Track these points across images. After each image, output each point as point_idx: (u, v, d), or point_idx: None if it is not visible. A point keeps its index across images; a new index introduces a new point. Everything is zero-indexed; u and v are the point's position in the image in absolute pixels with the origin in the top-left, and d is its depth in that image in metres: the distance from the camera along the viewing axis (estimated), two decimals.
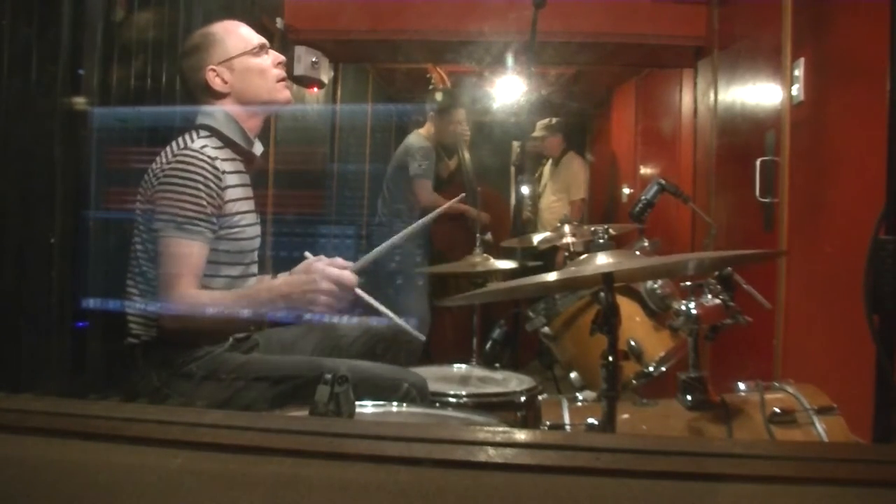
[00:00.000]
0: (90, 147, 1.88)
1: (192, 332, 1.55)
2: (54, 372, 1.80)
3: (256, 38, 1.68)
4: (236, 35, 1.67)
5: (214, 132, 1.63)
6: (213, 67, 1.64)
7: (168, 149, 1.59)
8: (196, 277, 1.51)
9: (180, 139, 1.60)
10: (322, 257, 1.60)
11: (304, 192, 1.78)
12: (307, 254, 1.72)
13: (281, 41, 3.16)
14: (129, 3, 2.10)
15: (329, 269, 1.47)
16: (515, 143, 5.38)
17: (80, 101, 1.89)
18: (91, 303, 1.80)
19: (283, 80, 1.69)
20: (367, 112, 4.82)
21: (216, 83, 1.64)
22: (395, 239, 1.59)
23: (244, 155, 1.68)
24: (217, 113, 1.65)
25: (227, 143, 1.64)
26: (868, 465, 0.79)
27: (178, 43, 2.32)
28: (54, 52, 1.78)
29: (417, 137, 3.69)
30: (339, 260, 1.53)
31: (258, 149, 1.72)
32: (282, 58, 1.70)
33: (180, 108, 2.29)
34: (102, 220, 1.89)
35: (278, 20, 3.19)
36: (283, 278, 1.55)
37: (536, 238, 2.71)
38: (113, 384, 2.01)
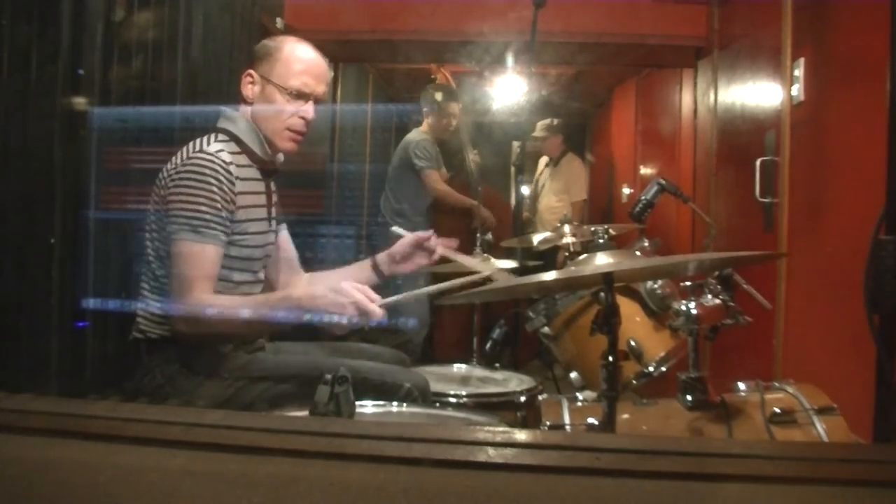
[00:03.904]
0: (90, 147, 1.88)
1: (205, 336, 1.55)
2: (54, 372, 1.80)
3: (304, 84, 1.63)
4: (293, 66, 1.63)
5: (233, 138, 1.63)
6: (252, 74, 1.64)
7: (184, 150, 1.58)
8: (211, 281, 1.51)
9: (197, 141, 1.60)
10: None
11: (304, 192, 1.78)
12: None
13: None
14: (129, 3, 2.10)
15: (359, 298, 1.43)
16: (515, 143, 5.39)
17: (80, 101, 1.89)
18: (91, 303, 1.80)
19: (296, 132, 1.65)
20: (367, 112, 4.82)
21: (246, 88, 1.65)
22: (431, 289, 1.61)
23: (261, 163, 1.67)
24: (239, 119, 1.65)
25: (244, 149, 1.64)
26: (868, 465, 0.79)
27: (179, 43, 2.32)
28: (54, 52, 1.78)
29: (416, 133, 3.69)
30: (369, 290, 1.48)
31: (279, 158, 1.72)
32: (310, 115, 1.65)
33: (180, 108, 2.29)
34: (102, 220, 1.89)
35: (278, 20, 3.19)
36: (307, 292, 1.51)
37: (536, 238, 2.72)
38: (114, 383, 2.01)
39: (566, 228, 2.41)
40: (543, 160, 4.96)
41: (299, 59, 1.65)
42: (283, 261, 1.83)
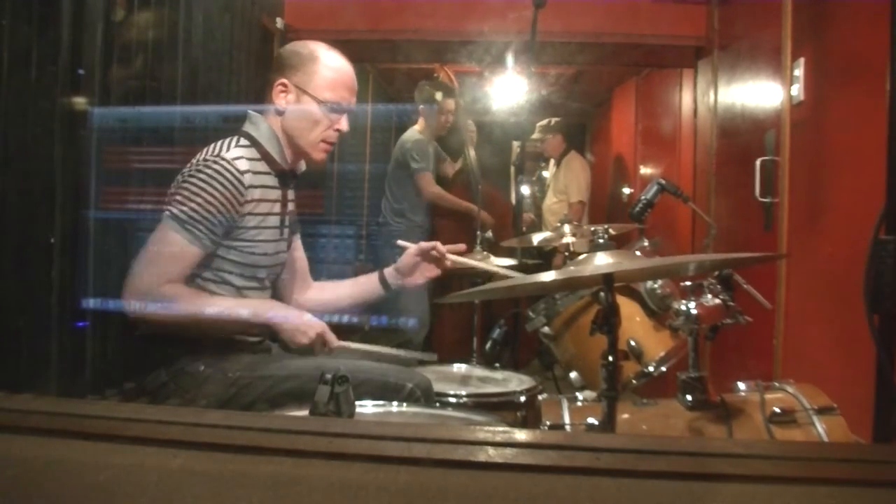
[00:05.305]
0: (90, 147, 1.88)
1: (173, 325, 1.55)
2: (54, 372, 1.80)
3: (340, 97, 1.63)
4: (329, 77, 1.62)
5: (255, 143, 1.62)
6: (286, 83, 1.62)
7: (204, 150, 1.58)
8: (178, 273, 1.51)
9: (218, 144, 1.60)
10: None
11: (304, 192, 1.78)
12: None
13: (281, 41, 3.17)
14: (129, 3, 2.10)
15: (327, 335, 1.58)
16: (515, 143, 5.39)
17: (80, 101, 1.89)
18: (91, 303, 1.80)
19: (329, 144, 1.66)
20: (367, 112, 4.82)
21: (278, 97, 1.63)
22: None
23: (279, 170, 1.66)
24: (262, 126, 1.64)
25: (264, 156, 1.63)
26: (868, 465, 0.79)
27: (179, 43, 2.32)
28: (54, 52, 1.78)
29: (411, 133, 3.68)
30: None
31: (301, 167, 1.71)
32: (345, 129, 1.65)
33: (180, 108, 2.29)
34: (102, 220, 1.89)
35: (278, 20, 3.19)
36: (278, 315, 1.58)
37: (536, 238, 2.72)
38: (114, 383, 2.01)
39: (566, 228, 2.41)
40: (552, 160, 4.95)
41: (336, 70, 1.64)
42: (293, 269, 1.83)
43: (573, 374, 1.93)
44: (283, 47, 1.72)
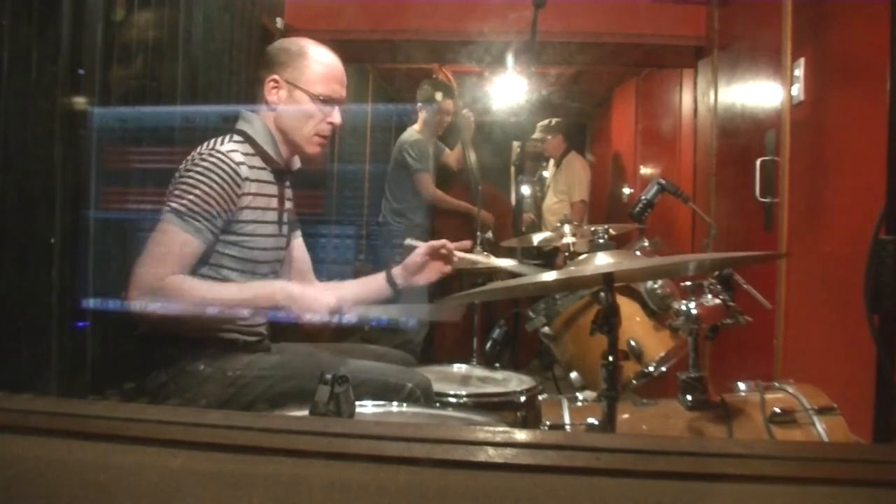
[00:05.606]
0: (90, 147, 1.88)
1: (175, 321, 1.53)
2: (54, 372, 1.80)
3: (332, 90, 1.65)
4: (320, 71, 1.64)
5: (249, 140, 1.64)
6: (277, 79, 1.64)
7: (199, 147, 1.60)
8: (182, 267, 1.50)
9: (212, 140, 1.61)
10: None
11: (303, 192, 1.79)
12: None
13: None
14: (129, 3, 2.10)
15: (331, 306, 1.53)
16: (515, 143, 5.39)
17: (80, 101, 1.89)
18: (91, 303, 1.80)
19: (323, 137, 1.67)
20: (367, 112, 4.82)
21: (270, 94, 1.64)
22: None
23: (275, 166, 1.67)
24: (256, 123, 1.65)
25: (258, 151, 1.64)
26: (868, 465, 0.79)
27: (179, 43, 2.32)
28: (54, 52, 1.78)
29: (410, 133, 3.68)
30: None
31: (296, 163, 1.73)
32: (337, 121, 1.67)
33: (180, 108, 2.29)
34: (102, 220, 1.89)
35: (278, 20, 3.19)
36: (297, 287, 1.57)
37: (537, 238, 2.72)
38: (114, 383, 2.01)
39: (566, 228, 2.41)
40: (552, 160, 4.96)
41: (325, 64, 1.66)
42: (296, 268, 1.83)
43: (573, 374, 1.93)
44: (272, 45, 1.73)
